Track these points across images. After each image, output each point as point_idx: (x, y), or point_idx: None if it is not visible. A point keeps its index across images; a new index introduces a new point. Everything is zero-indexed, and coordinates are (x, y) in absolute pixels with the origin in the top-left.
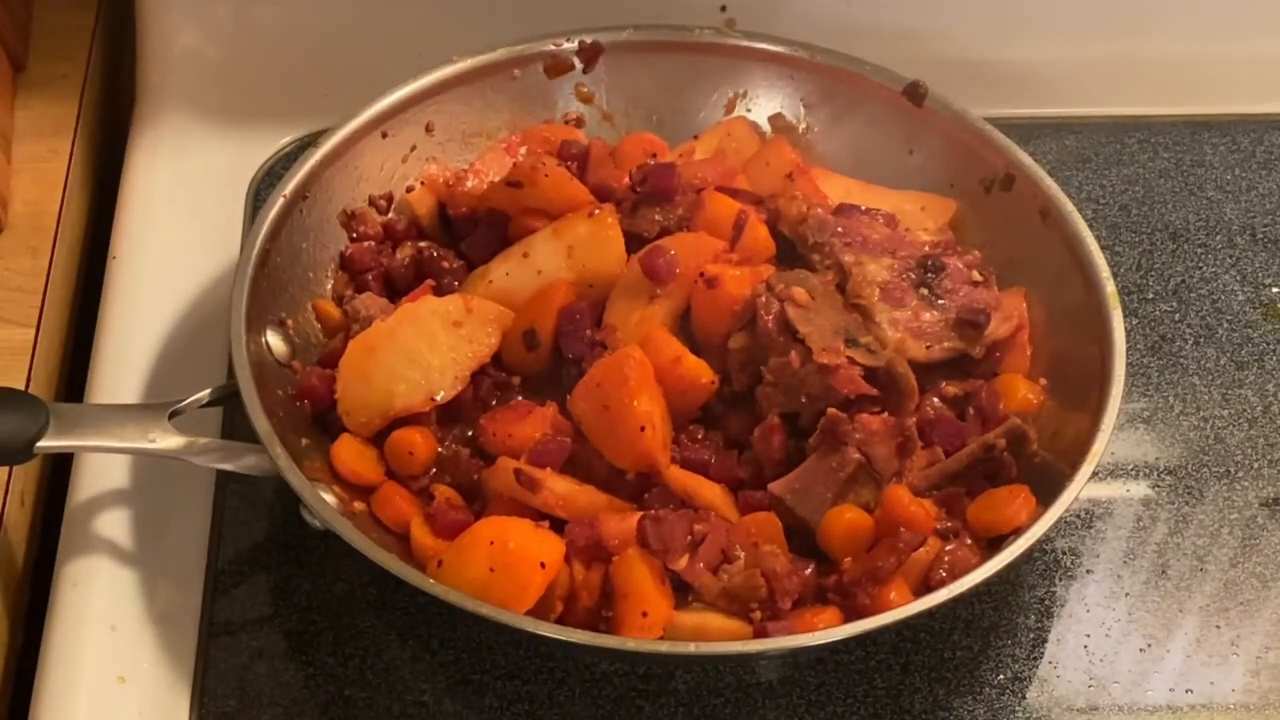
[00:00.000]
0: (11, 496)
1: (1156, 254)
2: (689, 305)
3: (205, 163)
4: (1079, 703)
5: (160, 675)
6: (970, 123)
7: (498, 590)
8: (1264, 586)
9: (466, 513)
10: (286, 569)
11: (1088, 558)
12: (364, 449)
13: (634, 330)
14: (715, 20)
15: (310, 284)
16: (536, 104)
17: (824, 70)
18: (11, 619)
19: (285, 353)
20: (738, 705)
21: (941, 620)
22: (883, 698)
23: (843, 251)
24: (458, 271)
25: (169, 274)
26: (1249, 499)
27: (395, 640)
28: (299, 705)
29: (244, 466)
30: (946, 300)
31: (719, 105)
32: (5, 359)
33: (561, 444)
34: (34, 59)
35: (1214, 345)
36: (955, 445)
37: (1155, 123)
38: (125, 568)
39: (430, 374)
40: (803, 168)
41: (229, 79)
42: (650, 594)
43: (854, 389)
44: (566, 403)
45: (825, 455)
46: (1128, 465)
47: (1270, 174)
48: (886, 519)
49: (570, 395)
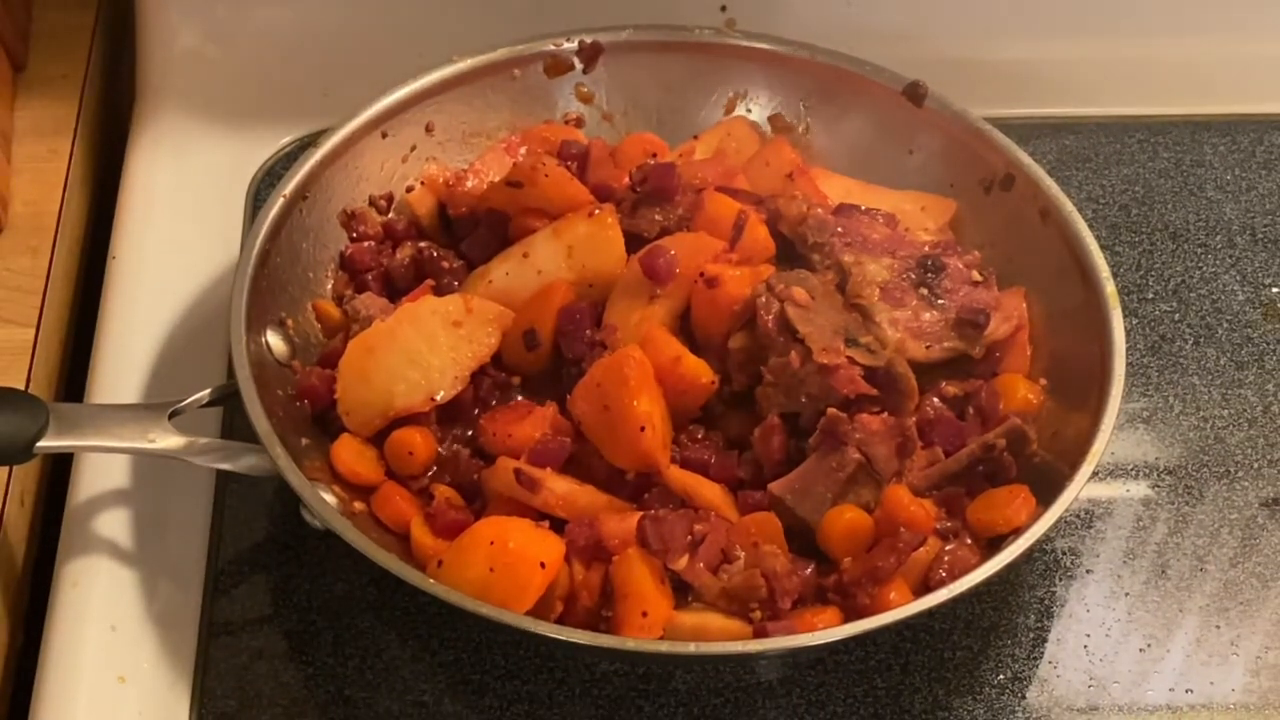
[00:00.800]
0: (11, 496)
1: (1156, 254)
2: (689, 305)
3: (205, 163)
4: (1079, 703)
5: (160, 675)
6: (970, 123)
7: (498, 590)
8: (1264, 586)
9: (466, 513)
10: (286, 569)
11: (1088, 558)
12: (364, 449)
13: (634, 330)
14: (715, 20)
15: (310, 284)
16: (536, 104)
17: (824, 70)
18: (11, 619)
19: (285, 353)
20: (738, 705)
21: (941, 620)
22: (883, 698)
23: (843, 251)
24: (458, 271)
25: (169, 274)
26: (1249, 499)
27: (395, 640)
28: (299, 705)
29: (244, 466)
30: (946, 300)
31: (719, 105)
32: (5, 359)
33: (561, 444)
34: (34, 59)
35: (1214, 345)
36: (955, 445)
37: (1155, 123)
38: (125, 568)
39: (430, 374)
40: (803, 168)
41: (229, 79)
42: (650, 594)
43: (854, 389)
44: (566, 403)
45: (825, 455)
46: (1128, 465)
47: (1270, 174)
48: (886, 519)
49: (570, 395)
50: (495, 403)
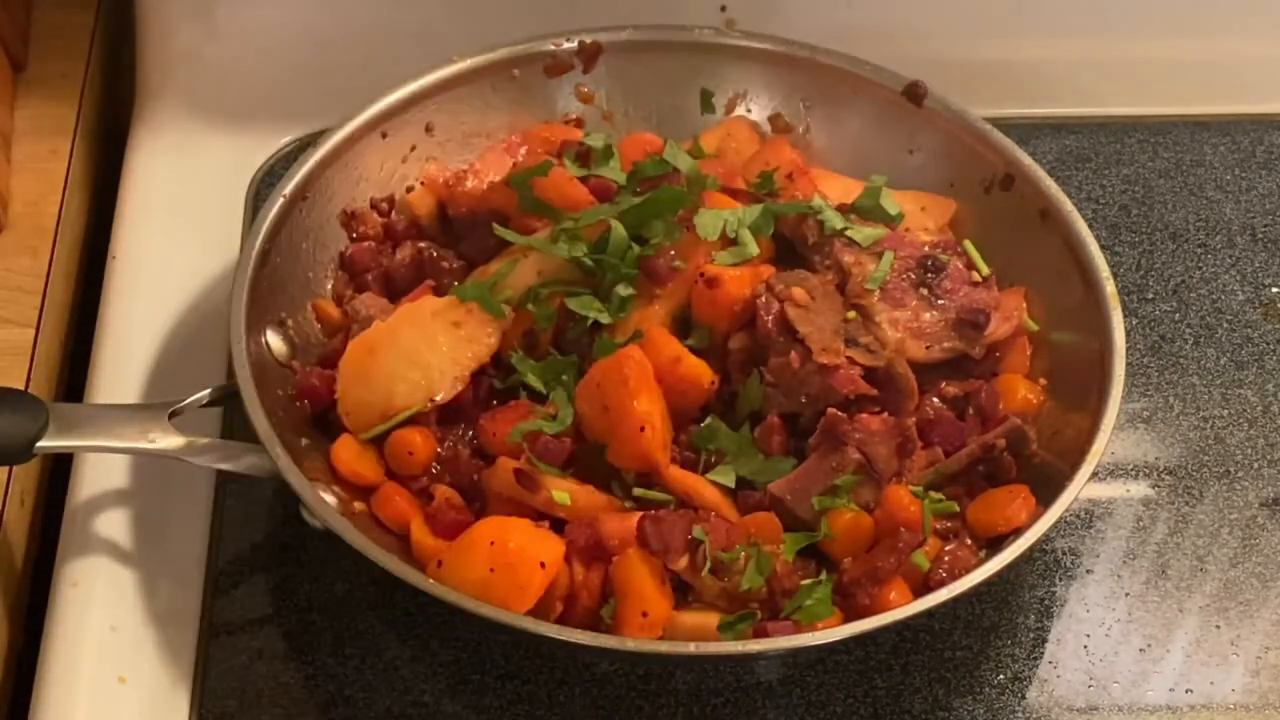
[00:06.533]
0: (11, 496)
1: (1156, 254)
2: (689, 305)
3: (205, 163)
4: (1079, 703)
5: (160, 675)
6: (970, 123)
7: (498, 590)
8: (1264, 586)
9: (466, 513)
10: (286, 569)
11: (1088, 558)
12: (364, 449)
13: (633, 330)
14: (715, 20)
15: (310, 284)
16: (536, 104)
17: (824, 70)
18: (11, 619)
19: (285, 353)
20: (738, 705)
21: (941, 620)
22: (883, 698)
23: (843, 251)
24: (458, 271)
25: (169, 274)
26: (1249, 499)
27: (395, 640)
28: (299, 705)
29: (244, 466)
30: (946, 300)
31: (719, 105)
32: (5, 359)
33: (561, 444)
34: (34, 59)
35: (1214, 345)
36: (955, 445)
37: (1155, 123)
38: (125, 568)
39: (430, 374)
40: (803, 168)
41: (229, 79)
42: (650, 594)
43: (854, 389)
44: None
45: (825, 455)
46: (1128, 465)
47: (1270, 174)
48: (886, 519)
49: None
50: (495, 403)
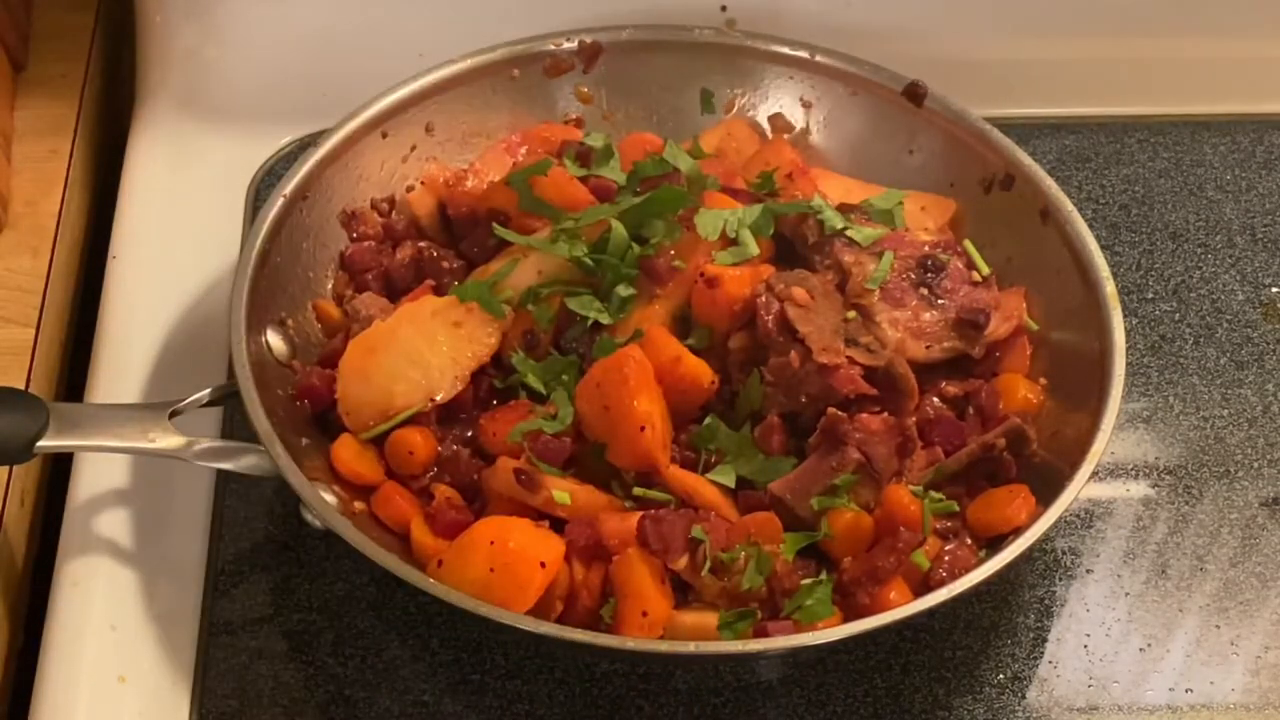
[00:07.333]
0: (11, 496)
1: (1156, 254)
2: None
3: (205, 163)
4: (1079, 703)
5: (160, 675)
6: (970, 123)
7: (498, 590)
8: (1264, 586)
9: (466, 513)
10: (286, 569)
11: (1088, 558)
12: (364, 449)
13: (634, 330)
14: (715, 20)
15: (310, 284)
16: (536, 104)
17: (824, 70)
18: (11, 619)
19: (285, 353)
20: (738, 705)
21: (941, 620)
22: (883, 698)
23: (843, 251)
24: (458, 271)
25: (169, 274)
26: (1249, 499)
27: (395, 640)
28: (299, 705)
29: (244, 466)
30: (946, 300)
31: (719, 105)
32: (5, 359)
33: (561, 444)
34: (34, 59)
35: (1214, 345)
36: (955, 445)
37: (1155, 123)
38: (125, 568)
39: (430, 374)
40: (803, 168)
41: (229, 79)
42: (650, 594)
43: (854, 389)
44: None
45: (825, 455)
46: (1128, 465)
47: (1270, 174)
48: (886, 519)
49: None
50: (495, 403)
